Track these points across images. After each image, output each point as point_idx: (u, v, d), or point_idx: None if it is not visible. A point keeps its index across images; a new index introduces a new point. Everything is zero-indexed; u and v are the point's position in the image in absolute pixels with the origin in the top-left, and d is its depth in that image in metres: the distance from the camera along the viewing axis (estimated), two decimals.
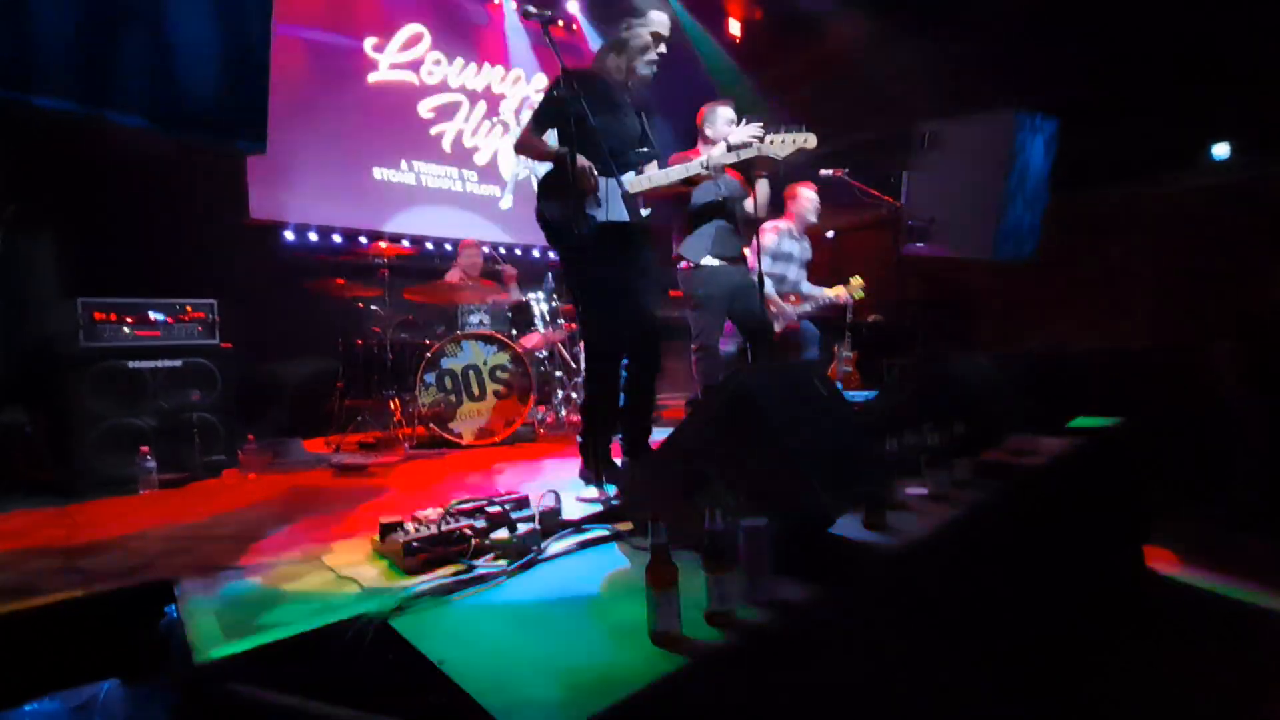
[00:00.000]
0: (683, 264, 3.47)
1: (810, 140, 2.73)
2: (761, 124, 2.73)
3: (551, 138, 2.58)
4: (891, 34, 5.77)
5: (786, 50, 6.55)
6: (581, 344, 3.98)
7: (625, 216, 2.53)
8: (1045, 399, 3.10)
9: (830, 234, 5.68)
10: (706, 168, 2.68)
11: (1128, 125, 4.84)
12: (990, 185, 4.13)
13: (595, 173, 2.44)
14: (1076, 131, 4.46)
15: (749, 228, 3.47)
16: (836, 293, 4.42)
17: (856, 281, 4.43)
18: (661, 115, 2.95)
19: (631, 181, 2.60)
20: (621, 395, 2.68)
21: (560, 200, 2.46)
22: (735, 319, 3.47)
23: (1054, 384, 3.27)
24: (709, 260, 3.35)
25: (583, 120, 2.38)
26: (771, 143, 2.70)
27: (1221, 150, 4.84)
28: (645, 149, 2.70)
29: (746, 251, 3.64)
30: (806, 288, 4.42)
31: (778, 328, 4.23)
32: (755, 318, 3.33)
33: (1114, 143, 4.87)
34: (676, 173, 2.69)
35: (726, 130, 3.02)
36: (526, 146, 2.58)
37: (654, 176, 2.68)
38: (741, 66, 6.76)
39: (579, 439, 2.61)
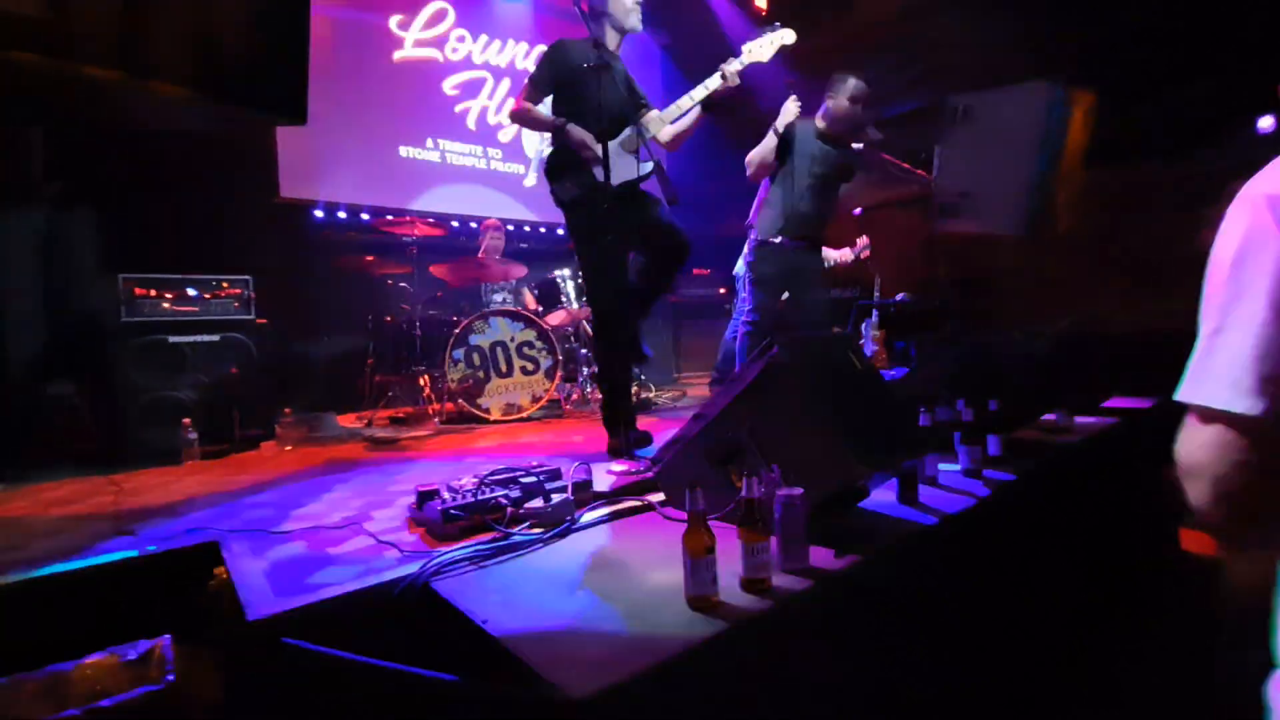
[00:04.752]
0: (751, 234, 3.47)
1: (788, 35, 2.80)
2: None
3: (545, 109, 2.66)
4: (924, 5, 5.61)
5: (815, 22, 6.39)
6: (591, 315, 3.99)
7: (634, 173, 2.58)
8: (1080, 378, 3.05)
9: (858, 211, 5.58)
10: (725, 77, 2.67)
11: (1168, 98, 4.66)
12: (1023, 161, 4.03)
13: (593, 142, 2.47)
14: (1115, 105, 4.32)
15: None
16: (842, 257, 4.38)
17: (862, 240, 4.43)
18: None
19: (656, 122, 2.67)
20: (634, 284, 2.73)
21: (569, 177, 2.56)
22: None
23: (1089, 363, 3.21)
24: (766, 235, 3.31)
25: (574, 86, 2.50)
26: (751, 51, 2.75)
27: (1267, 123, 4.64)
28: (639, 104, 2.70)
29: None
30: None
31: None
32: (810, 310, 3.29)
33: (1154, 116, 4.70)
34: (696, 94, 2.69)
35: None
36: (522, 116, 2.65)
37: (679, 103, 2.69)
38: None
39: (602, 413, 2.64)
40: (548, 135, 2.82)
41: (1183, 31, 4.41)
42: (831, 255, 4.38)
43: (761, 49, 2.78)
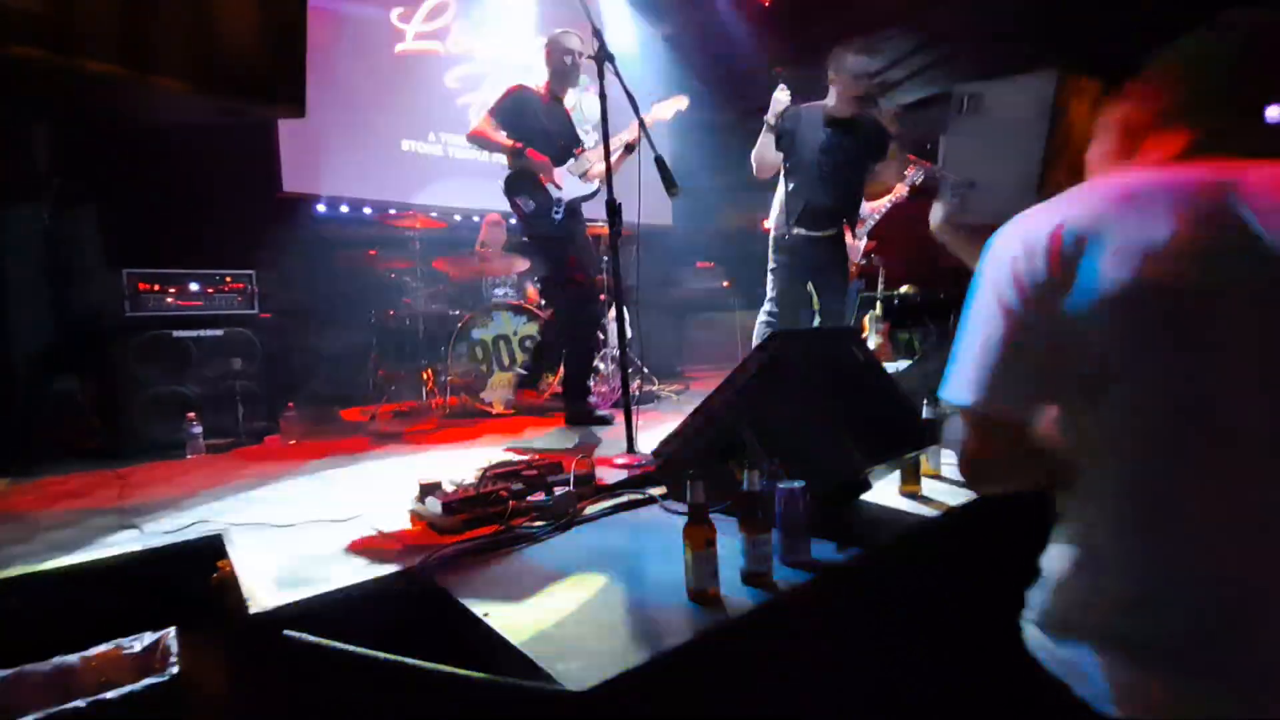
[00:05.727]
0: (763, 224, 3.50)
1: (683, 102, 3.26)
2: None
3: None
4: None
5: (818, 14, 6.35)
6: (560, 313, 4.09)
7: (584, 191, 3.21)
8: None
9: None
10: (630, 136, 3.07)
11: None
12: (1031, 150, 3.98)
13: (550, 165, 3.07)
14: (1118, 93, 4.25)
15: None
16: (895, 194, 4.23)
17: (910, 171, 4.25)
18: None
19: (577, 164, 3.22)
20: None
21: (529, 192, 3.09)
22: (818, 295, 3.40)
23: None
24: (782, 231, 3.29)
25: (530, 124, 3.06)
26: (654, 111, 3.21)
27: (1275, 113, 4.57)
28: (577, 137, 3.27)
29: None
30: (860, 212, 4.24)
31: (851, 268, 4.11)
32: (830, 307, 3.31)
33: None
34: (614, 144, 3.12)
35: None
36: (482, 138, 3.10)
37: (592, 154, 3.25)
38: (771, 32, 6.58)
39: (564, 387, 3.19)
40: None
41: (1187, 18, 4.34)
42: (882, 204, 4.23)
43: (662, 110, 3.28)
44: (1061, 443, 0.84)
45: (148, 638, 1.53)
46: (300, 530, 1.73)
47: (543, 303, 4.43)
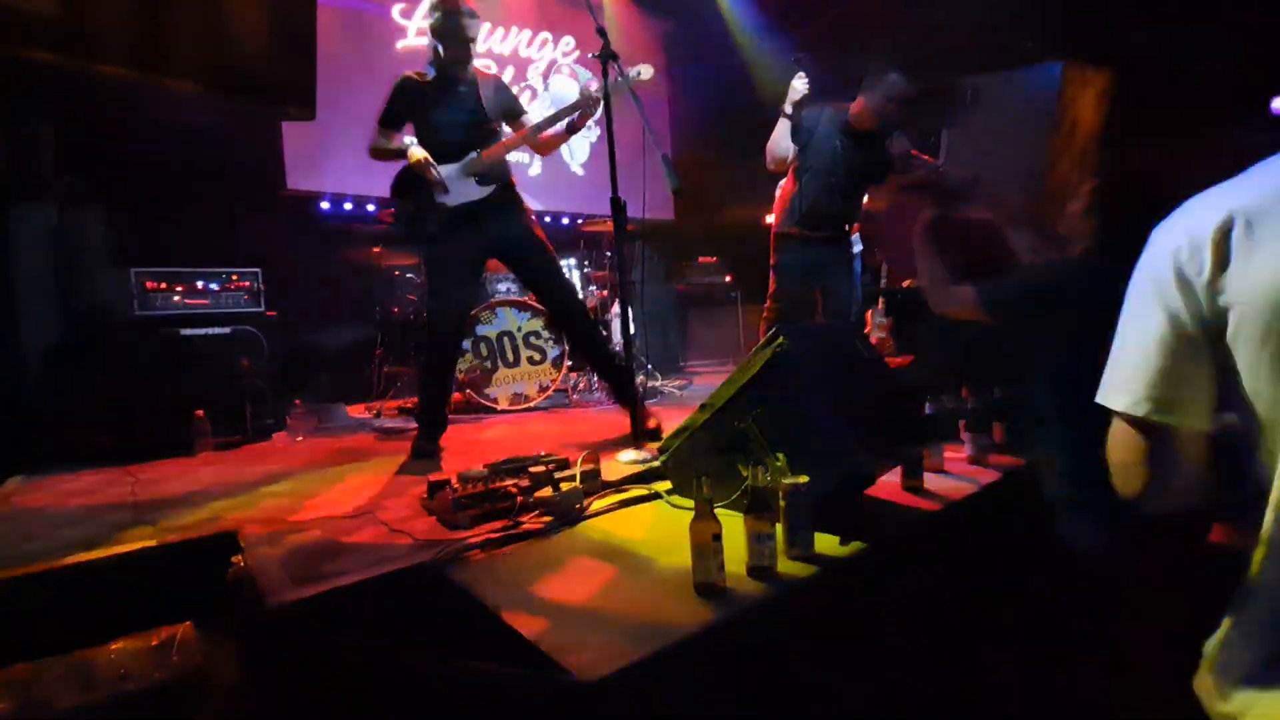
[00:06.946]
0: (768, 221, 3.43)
1: (646, 71, 2.64)
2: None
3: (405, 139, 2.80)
4: None
5: (821, 4, 6.33)
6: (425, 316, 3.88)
7: (475, 195, 2.79)
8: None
9: (865, 197, 5.54)
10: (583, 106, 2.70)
11: (1180, 78, 4.59)
12: (1035, 142, 3.97)
13: (433, 164, 2.68)
14: (1126, 85, 4.26)
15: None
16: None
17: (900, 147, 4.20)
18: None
19: (467, 165, 2.78)
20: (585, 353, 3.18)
21: (408, 196, 2.78)
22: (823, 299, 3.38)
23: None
24: (784, 228, 3.27)
25: (423, 118, 2.76)
26: (618, 81, 2.63)
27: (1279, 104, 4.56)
28: (486, 125, 2.84)
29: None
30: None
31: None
32: (833, 306, 3.25)
33: (1166, 96, 4.64)
34: (545, 123, 2.84)
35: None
36: (373, 150, 2.80)
37: (529, 129, 2.87)
38: (771, 23, 6.56)
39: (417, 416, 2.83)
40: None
41: (1191, 11, 4.33)
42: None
43: (639, 75, 2.65)
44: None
45: (165, 631, 1.56)
46: (312, 526, 1.76)
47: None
